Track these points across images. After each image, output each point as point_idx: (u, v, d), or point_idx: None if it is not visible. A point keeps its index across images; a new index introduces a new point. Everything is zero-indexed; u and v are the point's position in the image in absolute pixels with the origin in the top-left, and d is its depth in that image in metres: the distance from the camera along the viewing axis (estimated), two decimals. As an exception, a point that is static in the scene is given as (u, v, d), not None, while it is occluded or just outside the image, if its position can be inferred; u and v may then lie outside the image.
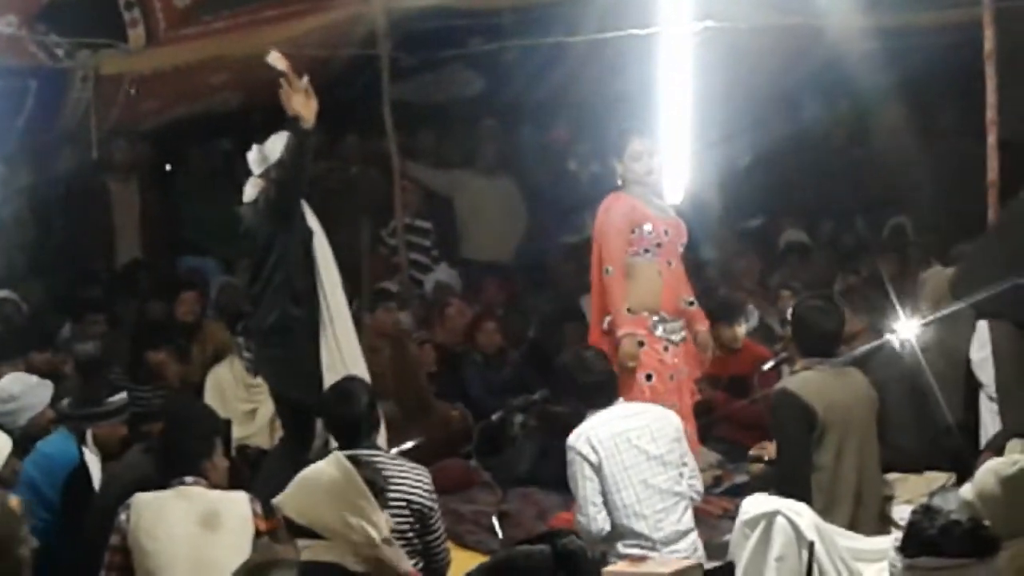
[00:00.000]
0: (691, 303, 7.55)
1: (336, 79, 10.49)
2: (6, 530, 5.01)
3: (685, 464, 6.53)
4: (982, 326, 7.63)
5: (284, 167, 7.05)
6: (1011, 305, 7.48)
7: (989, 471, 4.79)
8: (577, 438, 6.38)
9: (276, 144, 7.30)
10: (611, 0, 8.98)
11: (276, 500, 4.77)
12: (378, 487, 4.82)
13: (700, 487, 6.64)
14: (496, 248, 11.61)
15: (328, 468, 4.74)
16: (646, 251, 7.33)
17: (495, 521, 7.40)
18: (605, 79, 10.53)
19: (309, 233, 7.25)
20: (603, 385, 6.58)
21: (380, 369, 8.15)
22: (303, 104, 6.88)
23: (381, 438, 6.48)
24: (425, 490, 5.93)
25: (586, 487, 6.32)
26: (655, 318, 7.32)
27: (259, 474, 7.35)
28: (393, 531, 5.37)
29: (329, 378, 7.01)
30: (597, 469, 6.30)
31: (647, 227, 7.32)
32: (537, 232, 11.73)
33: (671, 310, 7.38)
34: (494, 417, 8.40)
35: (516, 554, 4.31)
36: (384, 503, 4.81)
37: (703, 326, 7.58)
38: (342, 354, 7.27)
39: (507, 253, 11.68)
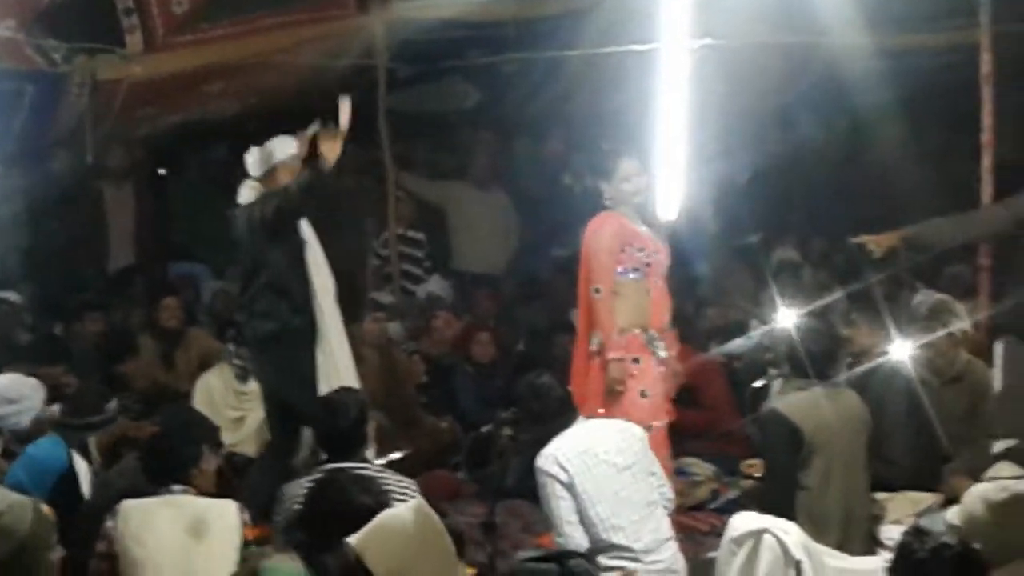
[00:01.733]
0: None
1: (332, 87, 10.48)
2: (39, 534, 5.04)
3: (653, 473, 6.54)
4: (998, 346, 7.70)
5: (289, 196, 7.06)
6: (1017, 319, 7.54)
7: (977, 497, 4.81)
8: (545, 459, 6.38)
9: (277, 148, 7.32)
10: (610, 16, 8.98)
11: (355, 545, 4.74)
12: (459, 533, 4.82)
13: (670, 494, 6.64)
14: (488, 260, 11.62)
15: (410, 517, 4.73)
16: (636, 270, 7.35)
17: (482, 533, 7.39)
18: (602, 94, 10.54)
19: (301, 243, 7.25)
20: (559, 410, 6.62)
21: (368, 379, 8.15)
22: (330, 147, 6.93)
23: (369, 450, 6.47)
24: (415, 503, 5.92)
25: (560, 507, 6.33)
26: (646, 335, 7.34)
27: (246, 482, 7.36)
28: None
29: (324, 387, 7.01)
30: (569, 487, 6.30)
31: (637, 246, 7.33)
32: (530, 245, 11.74)
33: (658, 328, 7.41)
34: (483, 429, 8.40)
35: (524, 571, 4.31)
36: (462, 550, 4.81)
37: (673, 350, 7.60)
38: (336, 364, 7.28)
39: (499, 265, 11.69)
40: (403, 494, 5.88)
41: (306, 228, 7.34)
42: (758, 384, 8.24)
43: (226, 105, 10.82)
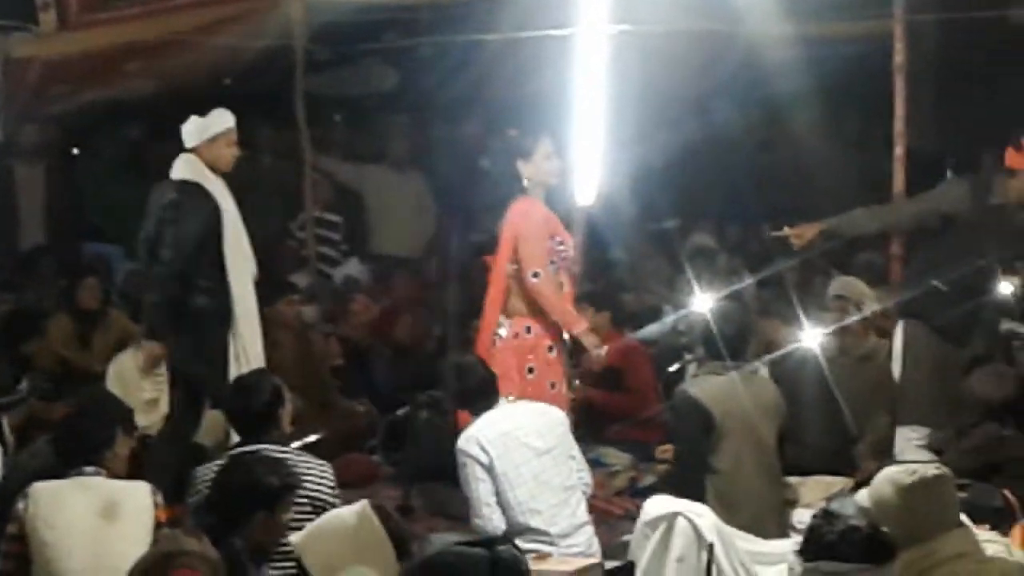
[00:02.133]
0: None
1: (249, 69, 10.44)
2: None
3: (573, 457, 6.58)
4: (899, 327, 7.83)
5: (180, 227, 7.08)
6: (927, 307, 7.66)
7: (886, 480, 4.85)
8: (466, 440, 6.41)
9: (215, 120, 7.28)
10: (529, 0, 8.99)
11: (295, 545, 4.71)
12: (403, 538, 4.83)
13: (589, 479, 6.67)
14: (405, 243, 11.61)
15: (352, 519, 4.73)
16: (552, 263, 7.30)
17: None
18: (520, 78, 10.57)
19: (213, 221, 7.21)
20: (482, 390, 6.62)
21: (283, 362, 8.12)
22: None
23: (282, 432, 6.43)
24: (329, 487, 5.89)
25: (479, 488, 6.35)
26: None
27: (148, 462, 7.28)
28: (292, 528, 5.39)
29: (235, 368, 6.97)
30: (488, 469, 6.33)
31: (559, 239, 7.32)
32: (447, 228, 11.73)
33: None
34: (399, 412, 8.40)
35: (452, 554, 4.31)
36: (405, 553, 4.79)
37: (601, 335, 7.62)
38: (246, 345, 7.25)
39: (416, 249, 11.68)
40: (317, 477, 5.88)
41: (228, 201, 7.30)
42: (673, 368, 8.29)
43: (141, 85, 10.71)
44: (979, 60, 9.04)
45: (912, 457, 6.96)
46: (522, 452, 6.38)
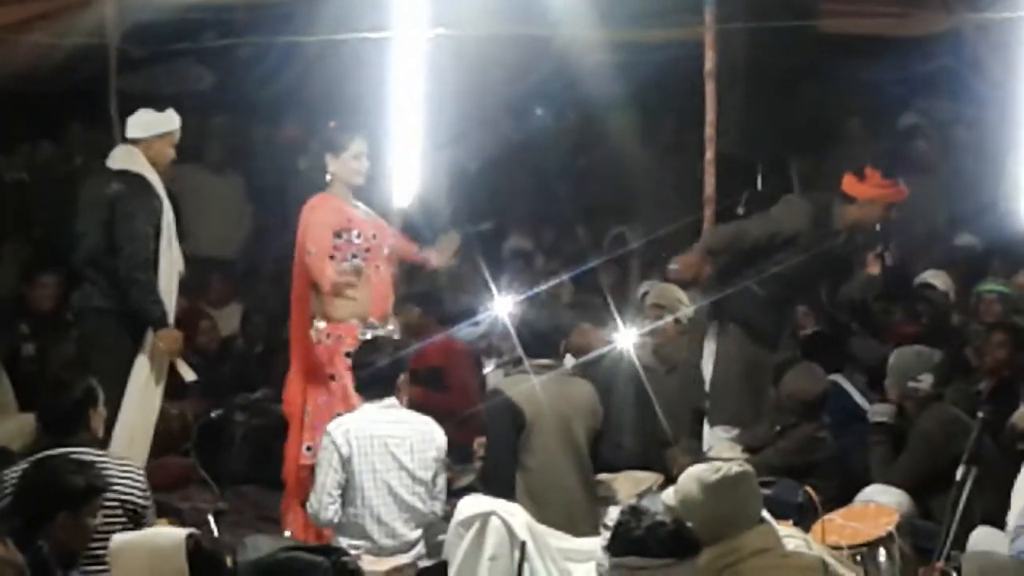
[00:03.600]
0: None
1: (61, 67, 10.24)
2: None
3: (436, 484, 6.61)
4: (711, 328, 8.01)
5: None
6: (740, 309, 7.86)
7: (692, 477, 4.98)
8: (337, 427, 6.45)
9: (168, 119, 7.50)
10: (346, 2, 8.99)
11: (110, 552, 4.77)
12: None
13: (440, 509, 6.66)
14: (220, 245, 11.48)
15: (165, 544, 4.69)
16: (354, 256, 7.25)
17: (211, 519, 7.36)
18: (338, 80, 10.51)
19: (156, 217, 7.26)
20: (378, 376, 6.58)
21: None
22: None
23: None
24: (141, 489, 5.85)
25: (328, 476, 6.38)
26: (363, 325, 7.26)
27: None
28: (100, 531, 5.35)
29: None
30: (346, 462, 6.37)
31: (355, 232, 7.27)
32: (263, 229, 11.64)
33: (380, 315, 7.34)
34: (213, 414, 8.35)
35: (296, 560, 4.32)
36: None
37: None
38: None
39: (230, 250, 11.57)
40: (130, 480, 5.82)
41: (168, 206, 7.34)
42: (488, 369, 8.37)
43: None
44: (786, 68, 9.26)
45: (724, 455, 7.12)
46: (386, 459, 6.43)
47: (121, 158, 7.38)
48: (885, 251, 8.62)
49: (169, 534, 4.89)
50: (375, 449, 6.40)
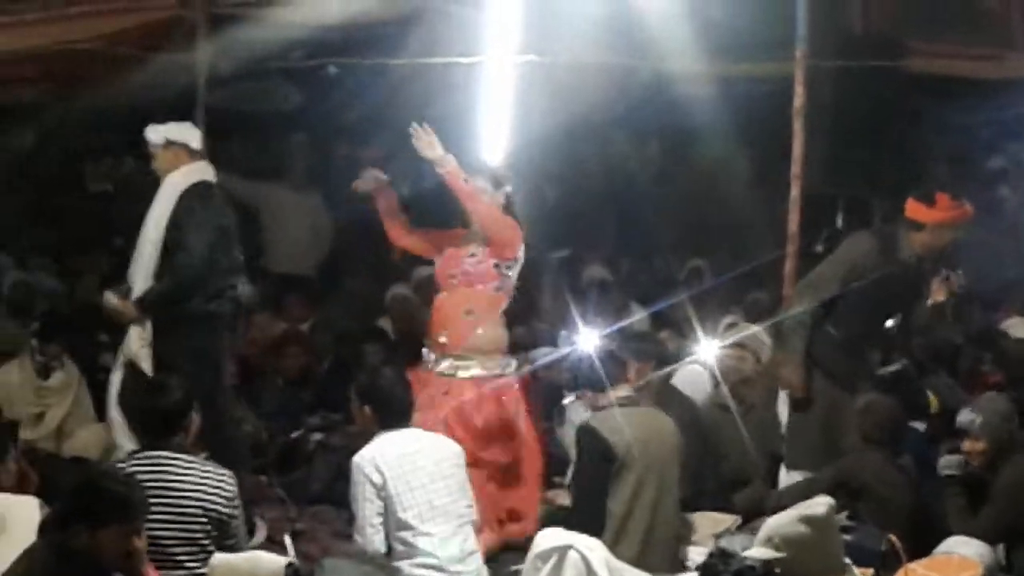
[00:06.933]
0: None
1: (150, 81, 10.32)
2: None
3: (464, 489, 6.60)
4: None
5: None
6: (816, 350, 7.75)
7: (792, 519, 4.95)
8: (363, 458, 6.40)
9: (189, 133, 7.70)
10: (437, 26, 9.02)
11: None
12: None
13: (475, 516, 6.64)
14: (300, 262, 11.54)
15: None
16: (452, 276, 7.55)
17: (287, 539, 7.36)
18: (425, 103, 10.55)
19: None
20: (399, 408, 6.60)
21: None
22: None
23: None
24: (224, 496, 5.86)
25: (366, 508, 6.35)
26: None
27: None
28: (182, 537, 5.35)
29: None
30: (380, 489, 6.33)
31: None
32: (343, 250, 11.68)
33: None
34: (293, 435, 8.37)
35: None
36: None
37: None
38: None
39: (311, 268, 11.61)
40: (211, 486, 5.84)
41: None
42: (566, 401, 8.31)
43: (36, 92, 10.55)
44: (874, 108, 9.21)
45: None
46: (418, 475, 6.39)
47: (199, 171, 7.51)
48: (951, 275, 8.29)
49: (270, 560, 4.90)
50: (405, 467, 6.38)
